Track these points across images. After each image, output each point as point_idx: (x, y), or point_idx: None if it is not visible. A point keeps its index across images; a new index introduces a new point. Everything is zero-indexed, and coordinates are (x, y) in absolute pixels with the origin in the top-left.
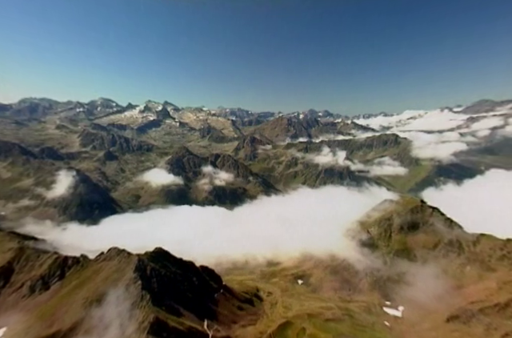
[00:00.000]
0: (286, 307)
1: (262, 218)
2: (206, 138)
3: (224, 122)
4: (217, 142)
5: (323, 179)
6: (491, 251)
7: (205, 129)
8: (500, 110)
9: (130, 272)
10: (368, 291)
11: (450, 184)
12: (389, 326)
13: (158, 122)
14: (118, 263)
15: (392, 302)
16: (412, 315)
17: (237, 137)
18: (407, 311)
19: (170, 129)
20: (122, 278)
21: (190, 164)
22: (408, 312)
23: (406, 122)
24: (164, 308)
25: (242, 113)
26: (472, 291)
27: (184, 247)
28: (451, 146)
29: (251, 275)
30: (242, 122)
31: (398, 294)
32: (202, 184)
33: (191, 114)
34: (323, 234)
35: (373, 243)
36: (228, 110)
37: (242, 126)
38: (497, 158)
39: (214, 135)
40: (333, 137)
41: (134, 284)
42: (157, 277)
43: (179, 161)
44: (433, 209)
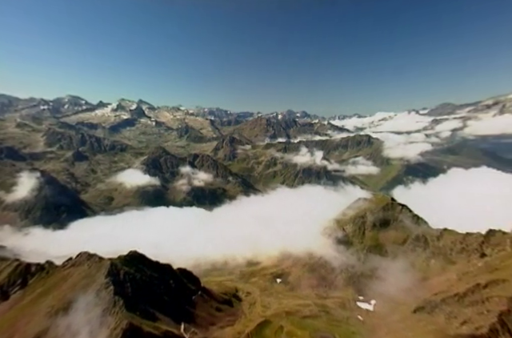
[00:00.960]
0: (265, 306)
1: (241, 218)
2: (183, 137)
3: (202, 121)
4: (195, 142)
5: (301, 179)
6: (452, 244)
7: (182, 128)
8: (460, 113)
9: (102, 277)
10: (343, 287)
11: (416, 183)
12: (362, 320)
13: (132, 121)
14: (88, 268)
15: (365, 296)
16: (383, 308)
17: (216, 137)
18: (378, 305)
19: (145, 128)
20: (93, 284)
21: (168, 164)
22: (379, 306)
23: (377, 123)
24: (138, 313)
25: (220, 113)
26: (435, 282)
27: (161, 249)
28: (418, 146)
29: (230, 275)
30: (220, 122)
31: (370, 289)
32: (180, 185)
33: (168, 113)
34: (301, 232)
35: (348, 241)
36: (206, 109)
37: (220, 126)
38: (457, 158)
39: (193, 135)
40: (310, 137)
41: (106, 290)
42: (131, 281)
43: (156, 161)
44: (402, 206)
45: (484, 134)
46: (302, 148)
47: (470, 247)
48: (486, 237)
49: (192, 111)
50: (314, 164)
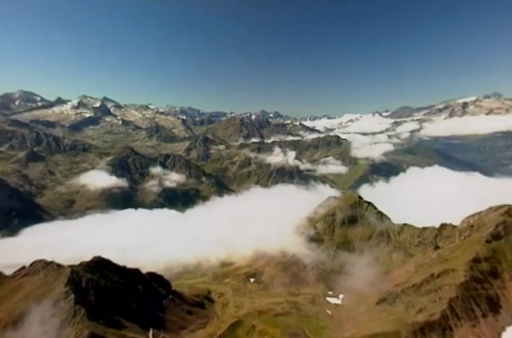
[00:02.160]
0: (238, 306)
1: (215, 219)
2: (153, 137)
3: (174, 121)
4: (166, 141)
5: (275, 179)
6: (411, 238)
7: (152, 128)
8: (416, 116)
9: (61, 286)
10: (314, 284)
11: (380, 181)
12: (330, 314)
13: (96, 120)
14: (44, 277)
15: (334, 291)
16: (350, 301)
17: (188, 137)
18: (346, 299)
19: (110, 127)
20: (50, 293)
21: (136, 165)
22: (347, 300)
23: (345, 124)
24: (102, 322)
25: (193, 112)
26: (396, 275)
27: (129, 253)
28: (381, 147)
29: (203, 277)
30: (193, 122)
31: (339, 284)
32: (150, 186)
33: (136, 111)
34: (275, 232)
35: (319, 238)
36: (178, 108)
37: (193, 126)
38: (414, 158)
39: (163, 135)
40: (283, 137)
41: (66, 299)
42: (94, 289)
43: (123, 162)
44: (368, 204)
45: (437, 136)
46: (276, 148)
47: (425, 241)
48: (439, 230)
49: (163, 110)
50: (287, 164)
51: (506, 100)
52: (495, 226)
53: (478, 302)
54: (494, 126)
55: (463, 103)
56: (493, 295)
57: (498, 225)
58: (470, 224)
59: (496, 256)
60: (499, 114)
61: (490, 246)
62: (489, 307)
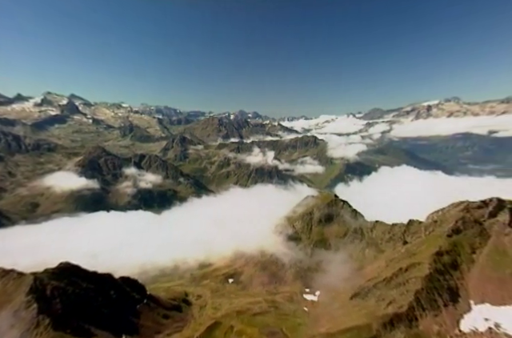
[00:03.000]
0: (216, 307)
1: (193, 220)
2: (127, 137)
3: (149, 120)
4: (141, 141)
5: (254, 179)
6: (382, 234)
7: (126, 127)
8: (387, 118)
9: (22, 295)
10: (292, 282)
11: (355, 180)
12: (307, 311)
13: (62, 118)
14: (2, 286)
15: (311, 289)
16: (325, 298)
17: (165, 136)
18: (322, 296)
19: (79, 126)
20: (9, 304)
21: (109, 166)
22: (323, 296)
23: (322, 125)
24: (69, 331)
25: (169, 111)
26: (369, 270)
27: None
28: (355, 147)
29: (181, 280)
30: (169, 121)
31: (316, 281)
32: (124, 187)
33: (108, 110)
34: (254, 231)
35: (297, 237)
36: (153, 107)
37: (170, 125)
38: (385, 158)
39: (138, 134)
40: (262, 138)
41: (27, 309)
42: (61, 297)
43: (94, 162)
44: (343, 202)
45: (405, 137)
46: (255, 148)
47: (395, 236)
48: (407, 227)
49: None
50: (266, 164)
51: (464, 104)
52: (455, 221)
53: (441, 293)
54: (454, 128)
55: (427, 106)
56: (453, 285)
57: (457, 220)
58: (433, 220)
59: (456, 249)
60: (458, 116)
61: (451, 240)
62: (449, 297)
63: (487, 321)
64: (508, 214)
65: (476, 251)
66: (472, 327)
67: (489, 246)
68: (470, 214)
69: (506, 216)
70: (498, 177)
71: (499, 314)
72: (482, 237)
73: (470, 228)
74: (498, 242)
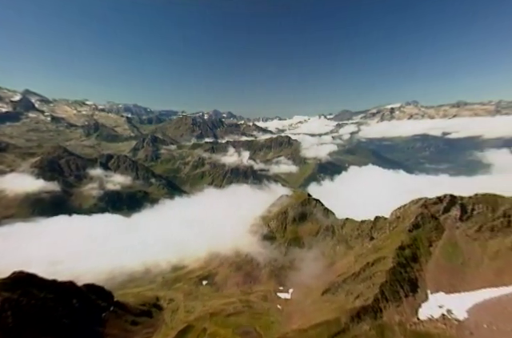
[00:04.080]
0: (189, 311)
1: (166, 222)
2: (92, 136)
3: (117, 118)
4: (108, 141)
5: (230, 179)
6: (352, 231)
7: (90, 126)
8: (355, 119)
9: None
10: (266, 281)
11: (326, 179)
12: (280, 309)
13: (15, 115)
14: None
15: (284, 287)
16: (298, 295)
17: (134, 136)
18: (295, 293)
19: (36, 124)
20: None
21: (71, 167)
22: (296, 294)
23: (295, 126)
24: None
25: (139, 110)
26: (339, 266)
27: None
28: (327, 147)
29: (152, 284)
30: (139, 120)
31: (289, 279)
32: (89, 189)
33: (69, 107)
34: (229, 232)
35: (272, 236)
36: (121, 105)
37: (140, 125)
38: (354, 157)
39: (104, 133)
40: (237, 138)
41: None
42: (13, 309)
43: (53, 163)
44: (316, 201)
45: (371, 137)
46: (230, 148)
47: (363, 233)
48: (373, 223)
49: (102, 107)
50: (242, 164)
51: (422, 107)
52: (415, 217)
53: (402, 284)
54: (414, 130)
55: (391, 109)
56: (413, 277)
57: (417, 216)
58: (397, 216)
59: (416, 243)
60: (417, 119)
61: (412, 234)
62: (410, 288)
63: (441, 308)
64: (459, 209)
65: (432, 244)
66: (428, 314)
67: (443, 239)
68: (428, 210)
69: (457, 211)
70: (450, 175)
71: (451, 301)
72: (437, 231)
73: (427, 223)
74: (450, 235)
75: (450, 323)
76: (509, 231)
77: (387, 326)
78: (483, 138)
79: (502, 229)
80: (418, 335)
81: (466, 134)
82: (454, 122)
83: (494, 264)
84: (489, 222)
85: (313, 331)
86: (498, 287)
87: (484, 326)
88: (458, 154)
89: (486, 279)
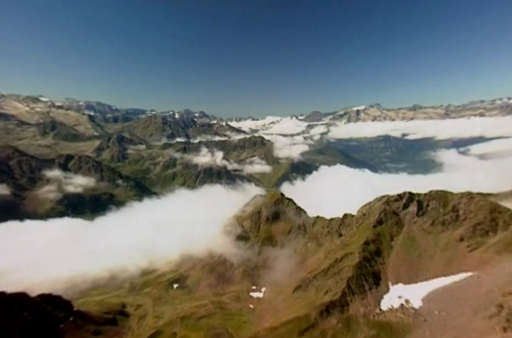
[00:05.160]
0: (158, 316)
1: (134, 225)
2: (49, 135)
3: (78, 117)
4: (68, 140)
5: (203, 179)
6: (322, 229)
7: (47, 124)
8: (325, 120)
9: None
10: (239, 281)
11: (299, 179)
12: (253, 308)
13: None
14: None
15: (257, 286)
16: (271, 293)
17: (98, 135)
18: (267, 292)
19: None
20: None
21: (23, 168)
22: (268, 292)
23: (268, 126)
24: None
25: (103, 108)
26: (310, 263)
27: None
28: (299, 147)
29: (118, 290)
30: (104, 119)
31: (262, 278)
32: (45, 192)
33: (21, 103)
34: (202, 233)
35: (246, 236)
36: (82, 103)
37: (104, 123)
38: (324, 157)
39: (63, 132)
40: (210, 138)
41: None
42: None
43: (2, 164)
44: (289, 200)
45: (340, 138)
46: (203, 148)
47: (332, 230)
48: (342, 220)
49: (60, 104)
50: (215, 164)
51: (383, 110)
52: (379, 213)
53: (367, 278)
54: (377, 131)
55: (356, 111)
56: (376, 270)
57: (380, 213)
58: (363, 213)
59: (379, 238)
60: (380, 121)
61: (376, 230)
62: (373, 281)
63: (400, 298)
64: (416, 205)
65: (394, 238)
66: (389, 305)
67: (402, 233)
68: (390, 206)
69: (415, 207)
70: (409, 174)
71: (409, 291)
72: (398, 226)
73: (389, 219)
74: (409, 229)
75: (407, 312)
76: (457, 224)
77: (353, 318)
78: (435, 139)
79: (451, 223)
80: (380, 325)
81: (421, 135)
82: (411, 124)
83: (444, 255)
84: (440, 216)
85: (283, 329)
86: (447, 276)
87: (435, 312)
88: (415, 154)
89: (438, 269)
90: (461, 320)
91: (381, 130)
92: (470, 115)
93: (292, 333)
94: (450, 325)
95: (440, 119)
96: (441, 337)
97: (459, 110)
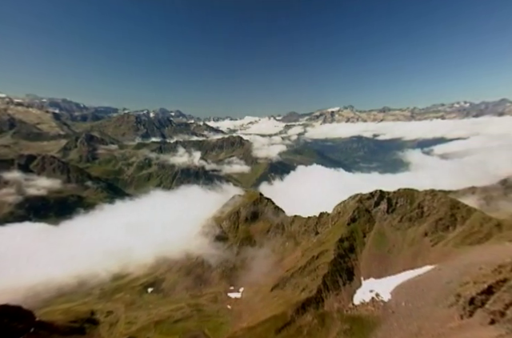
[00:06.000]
0: (130, 322)
1: (105, 228)
2: (6, 134)
3: (40, 114)
4: (29, 139)
5: (180, 180)
6: (299, 228)
7: (4, 122)
8: (302, 121)
9: None
10: (217, 282)
11: (277, 179)
12: (230, 309)
13: None
14: None
15: (235, 287)
16: (249, 293)
17: (64, 134)
18: (245, 292)
19: None
20: None
21: None
22: (246, 292)
23: (246, 126)
24: None
25: (69, 106)
26: (288, 261)
27: None
28: (277, 147)
29: (86, 297)
30: (71, 117)
31: (240, 278)
32: (3, 195)
33: None
34: (179, 235)
35: (224, 236)
36: (46, 100)
37: (71, 122)
38: (301, 157)
39: (23, 131)
40: (187, 137)
41: None
42: None
43: None
44: (267, 200)
45: (316, 138)
46: (180, 148)
47: (309, 228)
48: (318, 219)
49: (20, 100)
50: (193, 164)
51: (356, 111)
52: (352, 211)
53: (341, 274)
54: (350, 132)
55: (331, 112)
56: (350, 266)
57: (354, 210)
58: (338, 211)
59: (353, 235)
60: (353, 122)
61: (350, 227)
62: (347, 277)
63: (371, 292)
64: (386, 203)
65: (366, 235)
66: (361, 299)
67: (374, 230)
68: (362, 204)
69: (385, 205)
70: (379, 173)
71: (379, 285)
72: (370, 223)
73: (362, 216)
74: (379, 226)
75: (377, 305)
76: (422, 220)
77: (327, 314)
78: (403, 140)
79: (417, 219)
80: (352, 319)
81: (390, 136)
82: (381, 126)
83: (411, 250)
84: (408, 213)
85: (260, 328)
86: (413, 269)
87: (402, 304)
88: (385, 154)
89: (406, 263)
90: (424, 310)
91: (354, 131)
92: (432, 118)
93: (269, 332)
94: (415, 315)
95: (407, 121)
96: (407, 327)
97: (423, 113)
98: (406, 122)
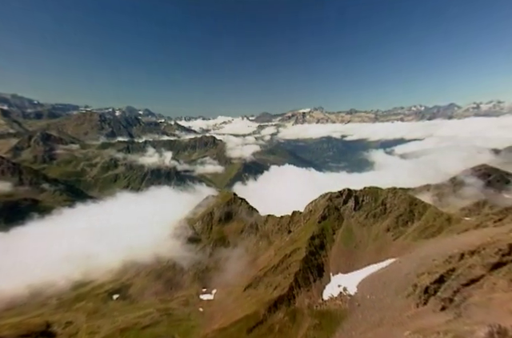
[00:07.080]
0: (93, 332)
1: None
2: None
3: None
4: None
5: (150, 181)
6: (273, 227)
7: None
8: (274, 121)
9: None
10: (189, 285)
11: (251, 179)
12: (202, 311)
13: None
14: None
15: (208, 288)
16: (221, 295)
17: (15, 133)
18: (218, 293)
19: None
20: None
21: None
22: (219, 294)
23: (220, 126)
24: None
25: (21, 102)
26: (261, 261)
27: None
28: (250, 147)
29: (41, 309)
30: (22, 114)
31: (214, 280)
32: None
33: None
34: (148, 238)
35: (197, 238)
36: None
37: (23, 119)
38: (275, 157)
39: None
40: (157, 137)
41: None
42: None
43: None
44: (241, 200)
45: (288, 139)
46: (149, 148)
47: (282, 227)
48: (291, 217)
49: None
50: (163, 165)
51: (326, 113)
52: (323, 209)
53: (312, 271)
54: (321, 133)
55: (303, 113)
56: (320, 262)
57: (324, 209)
58: (309, 210)
59: (323, 233)
60: (323, 123)
61: (320, 225)
62: (318, 273)
63: (339, 287)
64: (353, 201)
65: (335, 232)
66: (330, 294)
67: (342, 227)
68: (332, 202)
69: (352, 202)
70: (347, 172)
71: (346, 280)
72: (339, 220)
73: (332, 214)
74: (348, 223)
75: (344, 299)
76: (385, 216)
77: (298, 310)
78: (368, 140)
79: (380, 215)
80: (321, 313)
81: (357, 137)
82: (349, 127)
83: (375, 244)
84: (372, 210)
85: (232, 328)
86: (377, 263)
87: (367, 297)
88: (352, 154)
89: (371, 257)
90: (386, 302)
91: (324, 132)
92: (393, 120)
93: (240, 332)
94: (377, 307)
95: (371, 123)
96: (370, 318)
97: (385, 115)
98: (371, 123)
